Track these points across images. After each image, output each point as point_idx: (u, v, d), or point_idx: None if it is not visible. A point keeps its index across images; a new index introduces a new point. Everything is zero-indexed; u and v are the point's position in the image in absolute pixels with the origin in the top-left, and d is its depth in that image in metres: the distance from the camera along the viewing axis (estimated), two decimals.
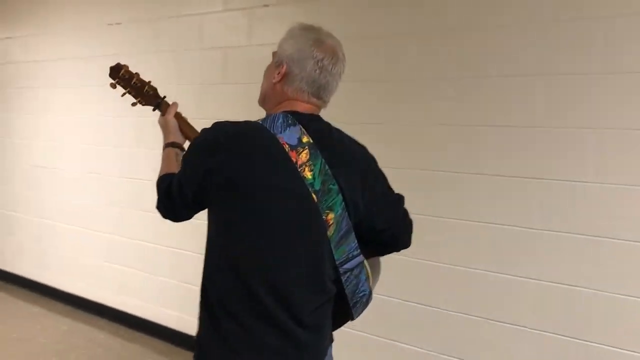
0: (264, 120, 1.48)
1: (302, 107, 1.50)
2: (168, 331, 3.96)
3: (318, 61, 1.47)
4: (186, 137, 1.79)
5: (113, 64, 1.91)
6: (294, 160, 1.41)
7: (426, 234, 2.40)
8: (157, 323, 4.05)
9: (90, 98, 4.41)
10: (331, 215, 1.44)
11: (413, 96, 2.86)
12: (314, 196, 1.42)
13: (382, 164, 1.60)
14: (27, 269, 5.10)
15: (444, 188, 2.78)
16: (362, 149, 1.58)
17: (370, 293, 1.59)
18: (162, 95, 1.87)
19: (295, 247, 1.44)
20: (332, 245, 1.45)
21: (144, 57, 4.01)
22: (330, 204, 1.43)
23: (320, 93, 1.51)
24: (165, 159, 1.70)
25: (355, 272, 1.51)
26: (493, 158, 2.64)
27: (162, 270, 4.02)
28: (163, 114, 1.82)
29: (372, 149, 1.61)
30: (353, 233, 1.48)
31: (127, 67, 1.90)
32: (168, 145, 1.74)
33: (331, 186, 1.44)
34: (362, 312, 1.61)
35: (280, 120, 1.45)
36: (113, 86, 1.92)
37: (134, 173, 4.14)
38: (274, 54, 1.56)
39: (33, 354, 3.79)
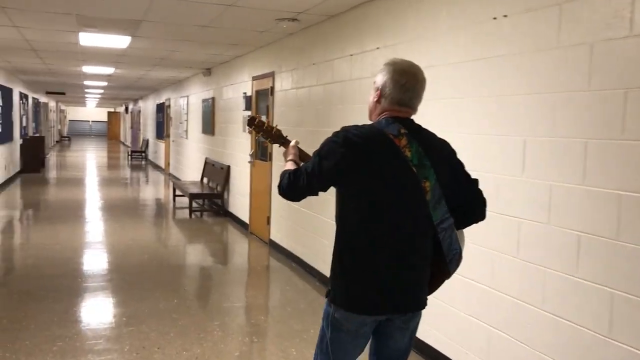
0: (377, 123, 2.19)
1: (397, 114, 2.18)
2: None
3: (402, 84, 2.17)
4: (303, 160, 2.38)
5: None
6: (397, 144, 2.10)
7: None
8: None
9: (463, 112, 3.64)
10: (427, 183, 2.11)
11: None
12: (413, 169, 2.10)
13: None
14: None
15: None
16: (445, 141, 2.26)
17: (461, 252, 2.21)
18: (284, 135, 2.52)
19: (407, 205, 2.13)
20: (430, 208, 2.12)
21: (542, 57, 3.00)
22: (425, 175, 2.11)
23: (408, 103, 2.18)
24: (290, 166, 2.32)
25: (449, 232, 2.16)
26: None
27: (552, 346, 2.95)
28: (286, 147, 2.48)
29: None
30: (444, 200, 2.15)
31: (260, 116, 2.80)
32: (289, 160, 2.37)
33: (425, 162, 2.11)
34: (455, 269, 2.23)
35: (383, 122, 2.16)
36: (250, 132, 3.06)
37: (507, 206, 3.19)
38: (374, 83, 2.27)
39: None
